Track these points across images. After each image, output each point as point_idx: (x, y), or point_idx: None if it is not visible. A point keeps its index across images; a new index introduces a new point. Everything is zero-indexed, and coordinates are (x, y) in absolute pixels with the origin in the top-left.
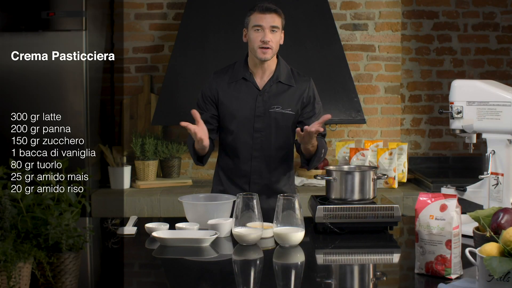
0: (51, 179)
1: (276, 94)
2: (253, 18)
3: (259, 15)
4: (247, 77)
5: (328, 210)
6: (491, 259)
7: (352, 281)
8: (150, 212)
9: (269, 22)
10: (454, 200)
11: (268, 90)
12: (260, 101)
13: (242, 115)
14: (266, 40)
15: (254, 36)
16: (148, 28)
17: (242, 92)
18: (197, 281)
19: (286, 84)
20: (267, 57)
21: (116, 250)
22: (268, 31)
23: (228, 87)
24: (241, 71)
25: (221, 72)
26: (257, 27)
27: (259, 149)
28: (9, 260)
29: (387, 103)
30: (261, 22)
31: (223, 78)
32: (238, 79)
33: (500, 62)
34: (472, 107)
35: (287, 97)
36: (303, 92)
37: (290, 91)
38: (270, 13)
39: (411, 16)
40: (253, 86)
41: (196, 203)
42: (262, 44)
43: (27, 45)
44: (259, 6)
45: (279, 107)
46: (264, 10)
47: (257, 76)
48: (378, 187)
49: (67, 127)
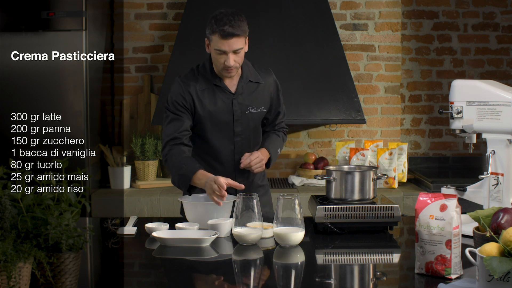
0: (51, 179)
1: (248, 94)
2: (215, 40)
3: (221, 40)
4: (218, 83)
5: (328, 210)
6: (491, 259)
7: (352, 281)
8: (150, 212)
9: (232, 47)
10: (454, 200)
11: (241, 92)
12: (236, 104)
13: (222, 121)
14: (230, 65)
15: (217, 58)
16: (148, 28)
17: (217, 98)
18: (197, 281)
19: (255, 82)
20: (232, 75)
21: (116, 250)
22: (231, 54)
23: (202, 94)
24: (209, 77)
25: (189, 79)
26: (219, 51)
27: (240, 153)
28: (9, 260)
29: (387, 103)
30: (224, 47)
31: (193, 85)
32: (210, 85)
33: (500, 62)
34: (472, 107)
35: (259, 95)
36: (270, 86)
37: (259, 88)
38: (231, 38)
39: (411, 16)
40: (226, 91)
41: (196, 203)
42: (225, 67)
43: (27, 45)
44: (220, 29)
45: (254, 107)
46: (226, 35)
47: (227, 81)
48: (378, 187)
49: (67, 127)
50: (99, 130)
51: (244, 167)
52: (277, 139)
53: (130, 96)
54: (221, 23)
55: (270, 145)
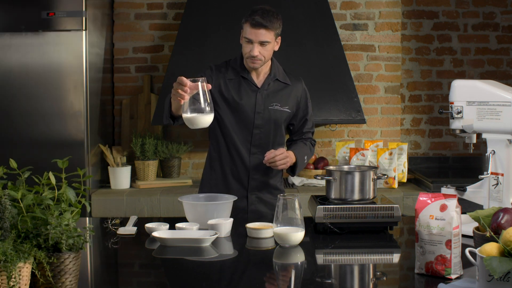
0: (51, 179)
1: (274, 91)
2: (245, 29)
3: (250, 29)
4: (245, 75)
5: (328, 210)
6: (491, 259)
7: (352, 281)
8: (150, 212)
9: (259, 37)
10: (454, 200)
11: (266, 87)
12: (260, 98)
13: (243, 111)
14: (254, 55)
15: (244, 46)
16: (148, 28)
17: (242, 89)
18: (197, 281)
19: (282, 83)
20: (256, 67)
21: (116, 250)
22: (257, 45)
23: (229, 83)
24: (238, 69)
25: (220, 67)
26: (247, 39)
27: (257, 146)
28: (9, 260)
29: (387, 103)
30: (251, 36)
31: (223, 73)
32: (237, 77)
33: (500, 62)
34: (472, 107)
35: (285, 95)
36: (298, 91)
37: (287, 89)
38: (259, 29)
39: (411, 16)
40: (252, 84)
41: (196, 203)
42: (250, 56)
43: (27, 45)
44: (252, 18)
45: (277, 105)
46: (255, 25)
47: (254, 75)
48: (378, 187)
49: (67, 127)
50: (99, 130)
51: (268, 161)
52: (304, 147)
53: (130, 96)
54: (254, 13)
55: (296, 150)
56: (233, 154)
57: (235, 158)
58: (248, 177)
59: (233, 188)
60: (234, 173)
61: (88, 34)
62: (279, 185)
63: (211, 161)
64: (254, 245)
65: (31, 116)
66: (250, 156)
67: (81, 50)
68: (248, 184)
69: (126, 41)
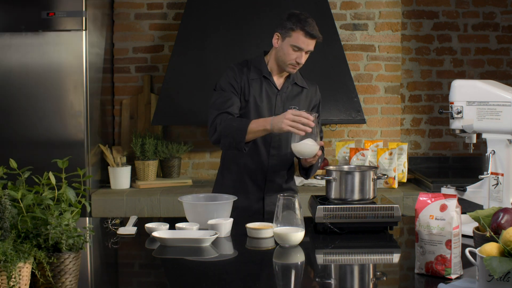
0: (51, 179)
1: (292, 95)
2: (296, 36)
3: (303, 38)
4: (267, 76)
5: (328, 210)
6: (491, 259)
7: (352, 281)
8: (150, 212)
9: (309, 47)
10: (454, 200)
11: (285, 90)
12: (279, 100)
13: (263, 112)
14: (302, 62)
15: (290, 53)
16: (148, 28)
17: (263, 90)
18: (197, 281)
19: (300, 87)
20: (294, 72)
21: (116, 250)
22: (304, 53)
23: (251, 83)
24: (261, 69)
25: (242, 66)
26: (296, 48)
27: (276, 147)
28: (9, 260)
29: (387, 103)
30: (303, 45)
31: (246, 72)
32: (259, 77)
33: (500, 62)
34: (472, 107)
35: (302, 99)
36: (313, 95)
37: (303, 93)
38: (313, 39)
39: (411, 16)
40: (272, 85)
41: (196, 203)
42: (295, 63)
43: (27, 45)
44: (307, 29)
45: (296, 108)
46: (311, 36)
47: (275, 76)
48: (378, 187)
49: (67, 127)
50: (99, 130)
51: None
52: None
53: (130, 96)
54: (307, 23)
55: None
56: (252, 155)
57: (253, 159)
58: (265, 179)
59: (249, 189)
60: (251, 175)
61: (88, 34)
62: (293, 187)
63: (228, 162)
64: (254, 245)
65: (31, 116)
66: (269, 158)
67: (81, 50)
68: (265, 186)
69: (126, 41)
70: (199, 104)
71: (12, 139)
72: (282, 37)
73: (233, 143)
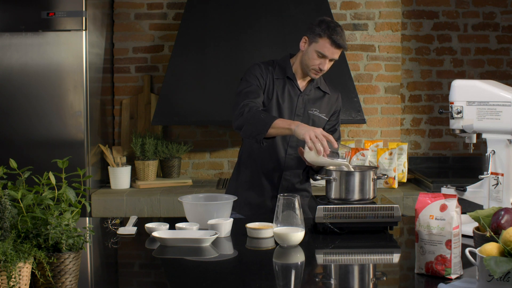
0: (51, 179)
1: (314, 98)
2: (322, 43)
3: (329, 46)
4: (291, 77)
5: (328, 210)
6: (491, 259)
7: (352, 281)
8: (150, 212)
9: (334, 56)
10: (454, 200)
11: (308, 93)
12: (301, 101)
13: (284, 112)
14: (324, 69)
15: (314, 58)
16: (148, 28)
17: (286, 90)
18: (197, 281)
19: (322, 91)
20: (316, 77)
21: (116, 250)
22: (328, 61)
23: (275, 82)
24: (285, 70)
25: (268, 65)
26: (321, 54)
27: (294, 147)
28: (9, 260)
29: (387, 103)
30: (328, 54)
31: (271, 71)
32: (283, 77)
33: (500, 62)
34: (472, 107)
35: (324, 103)
36: (334, 100)
37: (325, 98)
38: (339, 49)
39: (411, 16)
40: (295, 87)
41: (196, 203)
42: (317, 69)
43: (27, 45)
44: (334, 38)
45: (317, 110)
46: (338, 45)
47: (298, 78)
48: (378, 187)
49: (67, 127)
50: (99, 130)
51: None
52: None
53: (130, 96)
54: (335, 32)
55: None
56: (270, 153)
57: (271, 157)
58: (281, 178)
59: (264, 186)
60: (267, 172)
61: (88, 34)
62: (308, 188)
63: (245, 158)
64: (254, 245)
65: (31, 116)
66: (286, 156)
67: (81, 50)
68: (279, 185)
69: (126, 41)
70: (199, 104)
71: (12, 139)
72: (309, 41)
73: (254, 132)
